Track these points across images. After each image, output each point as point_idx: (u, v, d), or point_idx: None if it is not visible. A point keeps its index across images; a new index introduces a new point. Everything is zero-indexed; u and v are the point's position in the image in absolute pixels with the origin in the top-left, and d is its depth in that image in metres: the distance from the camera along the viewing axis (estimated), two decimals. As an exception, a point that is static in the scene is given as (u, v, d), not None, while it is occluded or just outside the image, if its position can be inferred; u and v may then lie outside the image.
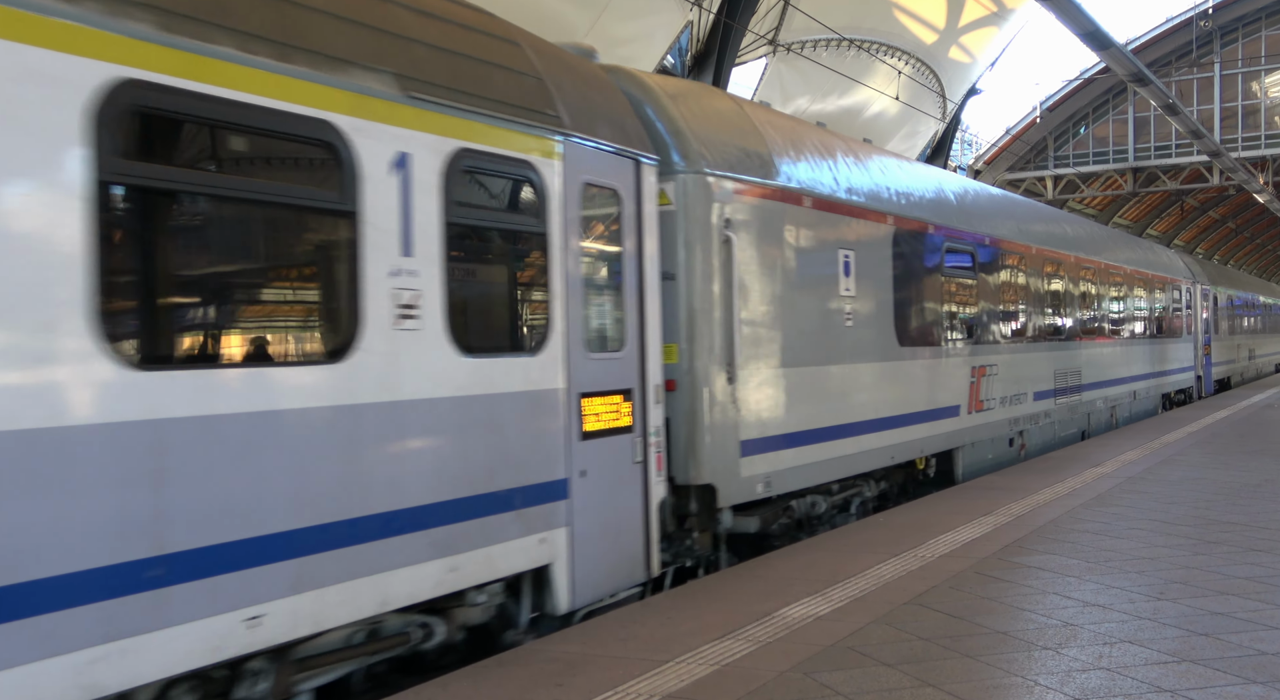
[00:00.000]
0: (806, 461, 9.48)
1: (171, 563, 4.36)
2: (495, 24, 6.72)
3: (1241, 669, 5.53)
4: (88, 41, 4.17)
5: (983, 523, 9.79)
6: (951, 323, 12.80)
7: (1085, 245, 19.07)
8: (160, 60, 4.41)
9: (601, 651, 6.03)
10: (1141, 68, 19.10)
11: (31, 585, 3.91)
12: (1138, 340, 22.08)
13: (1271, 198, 37.89)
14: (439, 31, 6.01)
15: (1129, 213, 52.38)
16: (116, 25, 4.28)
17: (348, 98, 5.19)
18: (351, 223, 5.23)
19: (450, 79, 5.91)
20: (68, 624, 4.02)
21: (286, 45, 4.95)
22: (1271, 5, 41.66)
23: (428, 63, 5.78)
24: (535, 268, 6.63)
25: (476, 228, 6.31)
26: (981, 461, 13.59)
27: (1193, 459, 14.40)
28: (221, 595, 4.55)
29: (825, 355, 9.80)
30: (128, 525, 4.22)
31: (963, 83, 35.86)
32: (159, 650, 4.31)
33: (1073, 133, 44.59)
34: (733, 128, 9.09)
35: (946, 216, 12.87)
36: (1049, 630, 6.31)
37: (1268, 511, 10.19)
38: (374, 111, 5.35)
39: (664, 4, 22.38)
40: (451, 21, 6.20)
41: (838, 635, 6.24)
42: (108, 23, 4.25)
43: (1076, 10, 14.95)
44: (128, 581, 4.21)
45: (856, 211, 10.63)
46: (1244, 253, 70.19)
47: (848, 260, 10.32)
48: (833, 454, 9.82)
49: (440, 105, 5.76)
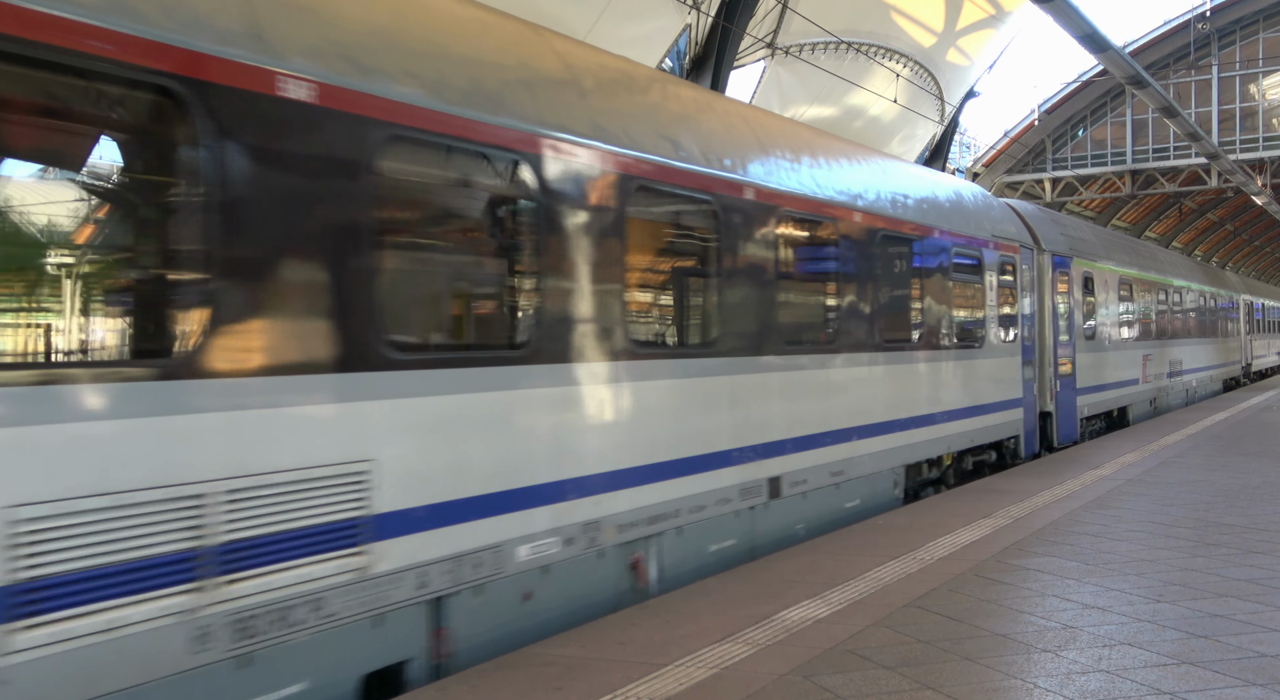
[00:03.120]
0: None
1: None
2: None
3: (1241, 671, 5.52)
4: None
5: (982, 525, 9.78)
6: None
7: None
8: None
9: (600, 655, 6.01)
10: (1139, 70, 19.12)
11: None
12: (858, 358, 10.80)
13: (1269, 200, 37.91)
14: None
15: (1127, 215, 52.41)
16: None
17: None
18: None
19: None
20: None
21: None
22: (1269, 8, 41.73)
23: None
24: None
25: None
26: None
27: (1192, 461, 14.39)
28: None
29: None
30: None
31: (961, 85, 35.86)
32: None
33: (1071, 135, 44.62)
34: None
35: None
36: (1048, 633, 6.30)
37: (1267, 514, 10.19)
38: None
39: (662, 7, 22.38)
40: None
41: (837, 638, 6.23)
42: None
43: (1074, 13, 14.96)
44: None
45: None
46: (1243, 255, 70.22)
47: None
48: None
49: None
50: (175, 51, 4.63)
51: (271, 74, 4.97)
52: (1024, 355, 15.47)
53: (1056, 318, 16.97)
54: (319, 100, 5.19)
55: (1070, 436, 17.35)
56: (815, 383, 9.89)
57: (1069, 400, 17.36)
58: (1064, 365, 17.13)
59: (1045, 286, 16.64)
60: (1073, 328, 17.70)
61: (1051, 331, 16.70)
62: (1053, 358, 16.71)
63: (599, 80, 7.71)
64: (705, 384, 8.27)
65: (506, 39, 6.99)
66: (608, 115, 7.43)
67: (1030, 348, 15.83)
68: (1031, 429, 15.80)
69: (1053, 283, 16.91)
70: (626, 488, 7.36)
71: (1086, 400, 18.28)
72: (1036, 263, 16.40)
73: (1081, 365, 18.07)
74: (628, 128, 7.58)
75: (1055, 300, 16.97)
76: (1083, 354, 18.22)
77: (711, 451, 8.29)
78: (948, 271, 12.88)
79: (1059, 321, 17.07)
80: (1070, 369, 17.41)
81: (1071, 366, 17.48)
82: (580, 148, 6.97)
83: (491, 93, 6.36)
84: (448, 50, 6.32)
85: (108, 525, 4.30)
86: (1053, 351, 16.74)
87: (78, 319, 4.96)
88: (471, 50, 6.53)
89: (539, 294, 6.63)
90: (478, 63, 6.47)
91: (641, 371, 7.54)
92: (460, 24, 6.67)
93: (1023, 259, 15.63)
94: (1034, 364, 16.02)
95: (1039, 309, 16.44)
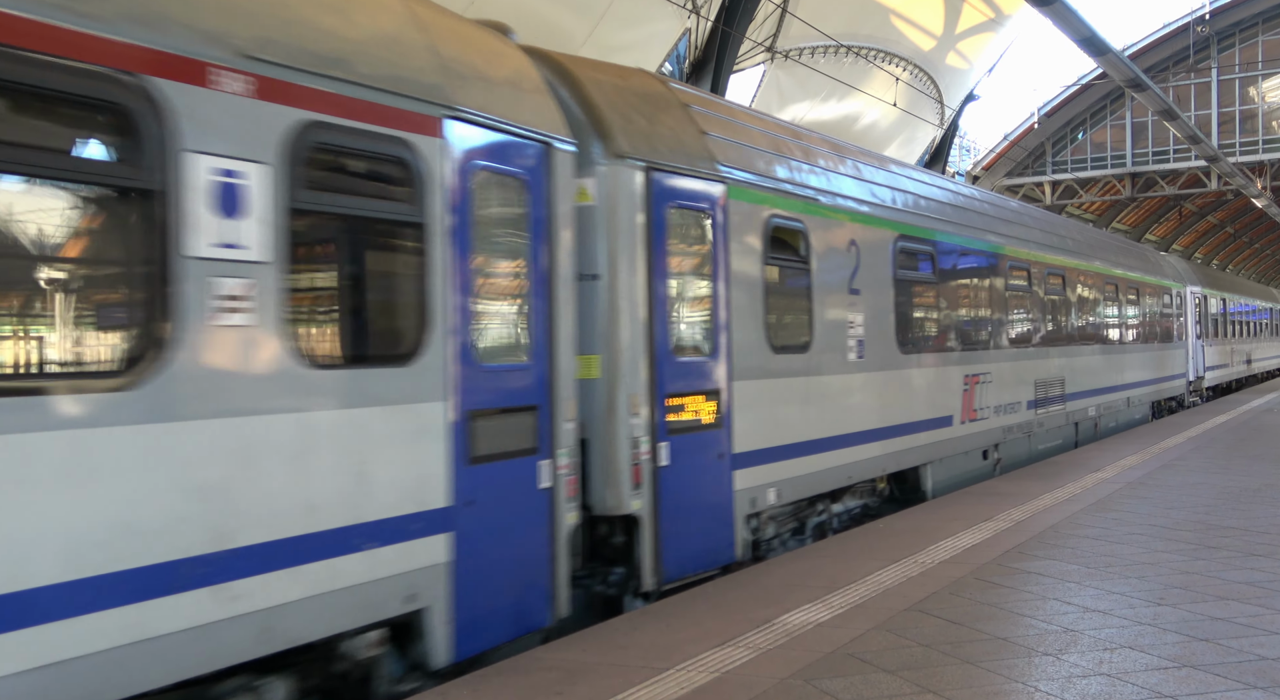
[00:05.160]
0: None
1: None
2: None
3: (1242, 674, 5.52)
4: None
5: (982, 528, 9.78)
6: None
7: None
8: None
9: (601, 659, 6.02)
10: (1139, 73, 19.14)
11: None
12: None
13: (1269, 202, 37.97)
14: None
15: (1127, 218, 52.46)
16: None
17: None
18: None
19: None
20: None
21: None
22: (1268, 11, 41.81)
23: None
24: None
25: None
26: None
27: (1192, 463, 14.39)
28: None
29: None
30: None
31: (960, 89, 35.93)
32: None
33: (1071, 138, 44.69)
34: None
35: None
36: (1049, 636, 6.30)
37: (1268, 516, 10.19)
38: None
39: (662, 11, 22.42)
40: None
41: (838, 642, 6.23)
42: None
43: (1073, 16, 14.98)
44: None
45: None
46: (1243, 257, 70.27)
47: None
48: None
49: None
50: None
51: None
52: (453, 392, 6.07)
53: (665, 307, 7.93)
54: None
55: (685, 570, 8.03)
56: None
57: (698, 482, 8.23)
58: (693, 405, 8.20)
59: (614, 238, 7.59)
60: (720, 330, 8.54)
61: (634, 336, 7.62)
62: (649, 391, 7.70)
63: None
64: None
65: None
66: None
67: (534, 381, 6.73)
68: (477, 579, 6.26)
69: (632, 228, 7.65)
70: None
71: (757, 477, 8.91)
72: (554, 186, 6.92)
73: (747, 403, 8.79)
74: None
75: (655, 270, 7.81)
76: (753, 382, 8.92)
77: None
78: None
79: (670, 317, 7.97)
80: (715, 413, 8.42)
81: (719, 408, 8.45)
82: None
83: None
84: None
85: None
86: (644, 378, 7.68)
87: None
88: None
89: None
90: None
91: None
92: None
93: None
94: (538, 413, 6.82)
95: (549, 287, 6.90)
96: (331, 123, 5.37)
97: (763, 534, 9.22)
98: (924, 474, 12.27)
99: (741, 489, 8.68)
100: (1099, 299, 19.39)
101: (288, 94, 5.16)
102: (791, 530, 9.91)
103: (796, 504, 9.81)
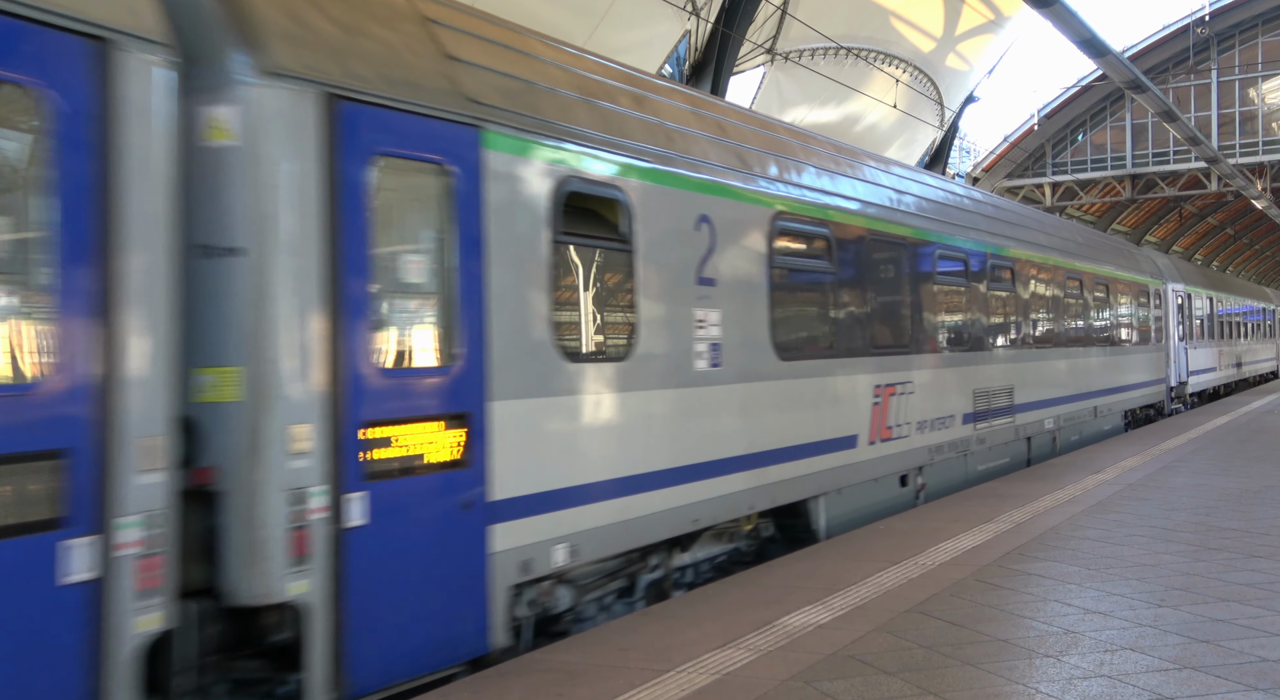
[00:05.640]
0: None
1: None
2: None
3: (1243, 676, 5.52)
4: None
5: (983, 530, 9.78)
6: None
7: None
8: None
9: (601, 661, 6.01)
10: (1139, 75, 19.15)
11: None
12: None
13: (1269, 203, 37.97)
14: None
15: (1127, 219, 52.46)
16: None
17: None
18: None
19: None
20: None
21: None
22: (1268, 12, 41.80)
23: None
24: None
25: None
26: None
27: (1193, 465, 14.39)
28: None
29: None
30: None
31: (960, 90, 35.93)
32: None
33: (1071, 139, 44.68)
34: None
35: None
36: (1050, 638, 6.30)
37: (1269, 517, 10.18)
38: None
39: (662, 13, 22.43)
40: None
41: (838, 643, 6.23)
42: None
43: (1073, 18, 14.99)
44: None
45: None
46: (1243, 258, 70.29)
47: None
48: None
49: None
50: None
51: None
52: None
53: (365, 298, 5.79)
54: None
55: (395, 674, 5.77)
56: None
57: (420, 546, 5.88)
58: (415, 437, 5.92)
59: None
60: (469, 332, 6.31)
61: (301, 338, 5.40)
62: (330, 418, 5.46)
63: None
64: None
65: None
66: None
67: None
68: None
69: (301, 181, 5.42)
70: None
71: (532, 531, 6.64)
72: (114, 108, 4.65)
73: (518, 431, 6.59)
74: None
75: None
76: (529, 401, 6.70)
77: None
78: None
79: (375, 312, 5.80)
80: (460, 447, 6.18)
81: (468, 439, 6.19)
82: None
83: None
84: None
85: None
86: (321, 398, 5.43)
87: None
88: None
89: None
90: None
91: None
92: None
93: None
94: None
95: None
96: None
97: (551, 606, 6.92)
98: (814, 509, 9.81)
99: (504, 550, 6.35)
100: (1058, 296, 17.10)
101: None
102: (617, 592, 7.80)
103: (615, 559, 7.60)
